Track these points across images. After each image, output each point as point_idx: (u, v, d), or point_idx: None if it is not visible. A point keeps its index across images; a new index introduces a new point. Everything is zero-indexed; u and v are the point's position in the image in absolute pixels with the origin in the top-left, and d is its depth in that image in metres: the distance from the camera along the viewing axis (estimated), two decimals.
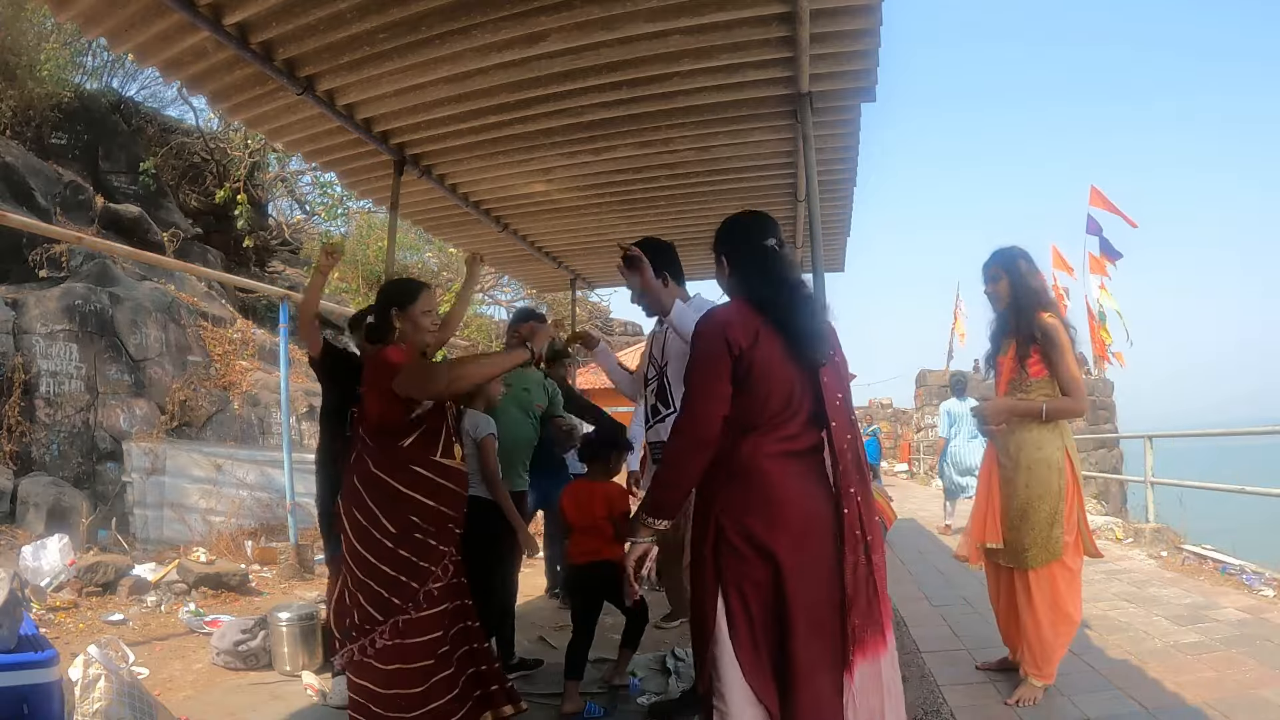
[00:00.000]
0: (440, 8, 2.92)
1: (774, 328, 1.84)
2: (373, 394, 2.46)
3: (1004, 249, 3.03)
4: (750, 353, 1.81)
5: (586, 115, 3.69)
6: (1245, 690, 2.96)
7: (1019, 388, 2.95)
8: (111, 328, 6.82)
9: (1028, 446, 2.88)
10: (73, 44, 9.44)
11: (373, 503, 2.41)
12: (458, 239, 5.98)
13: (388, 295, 2.69)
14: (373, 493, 2.42)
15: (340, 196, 12.02)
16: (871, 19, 2.96)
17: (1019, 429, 2.92)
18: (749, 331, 1.83)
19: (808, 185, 3.46)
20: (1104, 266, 14.34)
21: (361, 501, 2.42)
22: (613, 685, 3.35)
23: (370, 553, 2.39)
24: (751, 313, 1.87)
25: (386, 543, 2.39)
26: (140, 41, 3.11)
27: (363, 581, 2.40)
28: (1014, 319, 2.96)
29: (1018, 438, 2.91)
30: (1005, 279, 2.97)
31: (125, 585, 4.80)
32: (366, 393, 2.49)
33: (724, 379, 1.82)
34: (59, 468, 6.11)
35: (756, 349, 1.82)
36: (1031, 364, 2.90)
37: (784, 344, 1.84)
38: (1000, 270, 2.99)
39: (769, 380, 1.82)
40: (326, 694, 3.26)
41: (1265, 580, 4.82)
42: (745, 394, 1.82)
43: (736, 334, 1.82)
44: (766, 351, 1.82)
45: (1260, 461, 13.12)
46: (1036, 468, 2.86)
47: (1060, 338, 2.85)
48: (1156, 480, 7.27)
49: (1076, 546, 2.90)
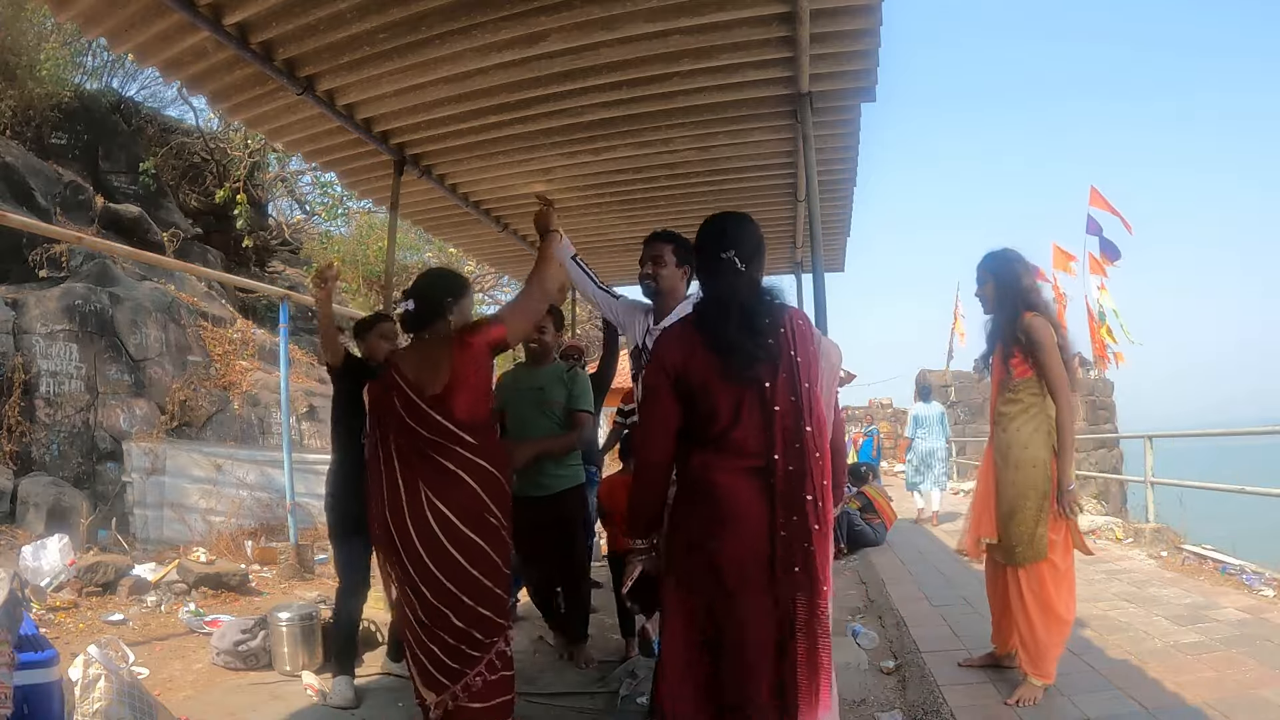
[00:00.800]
0: (440, 8, 2.92)
1: (711, 346, 1.82)
2: (464, 386, 2.23)
3: (994, 252, 3.04)
4: (684, 371, 1.82)
5: (586, 115, 3.70)
6: (1245, 690, 2.96)
7: (1006, 388, 2.97)
8: (111, 328, 6.82)
9: (1015, 445, 2.91)
10: (73, 44, 9.44)
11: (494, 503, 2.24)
12: (458, 239, 5.98)
13: (440, 283, 2.48)
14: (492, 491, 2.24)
15: (340, 196, 12.04)
16: (871, 19, 2.97)
17: (1009, 428, 2.94)
18: (683, 350, 1.83)
19: (808, 185, 3.46)
20: (1103, 267, 14.34)
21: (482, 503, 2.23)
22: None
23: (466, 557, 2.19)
24: (691, 329, 1.88)
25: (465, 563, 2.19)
26: (140, 41, 3.11)
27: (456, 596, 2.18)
28: (999, 320, 2.99)
29: (1008, 436, 2.94)
30: (991, 282, 3.00)
31: (125, 585, 4.80)
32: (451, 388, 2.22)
33: (663, 399, 1.83)
34: (59, 468, 6.11)
35: (690, 367, 1.82)
36: (1015, 364, 2.92)
37: (718, 363, 1.81)
38: (987, 274, 3.02)
39: (708, 397, 1.80)
40: (326, 694, 3.26)
41: (1265, 580, 4.82)
42: (691, 410, 1.83)
43: (671, 354, 1.84)
44: (700, 368, 1.81)
45: (1260, 461, 13.12)
46: (1023, 466, 2.88)
47: (1042, 336, 2.84)
48: (1156, 480, 7.27)
49: (1065, 545, 2.90)
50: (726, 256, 1.91)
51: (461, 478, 2.21)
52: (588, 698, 3.27)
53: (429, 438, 2.22)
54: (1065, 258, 16.35)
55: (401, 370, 2.29)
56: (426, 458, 2.22)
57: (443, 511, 2.18)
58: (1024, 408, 2.92)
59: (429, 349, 2.32)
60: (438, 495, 2.20)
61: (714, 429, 1.81)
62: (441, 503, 2.19)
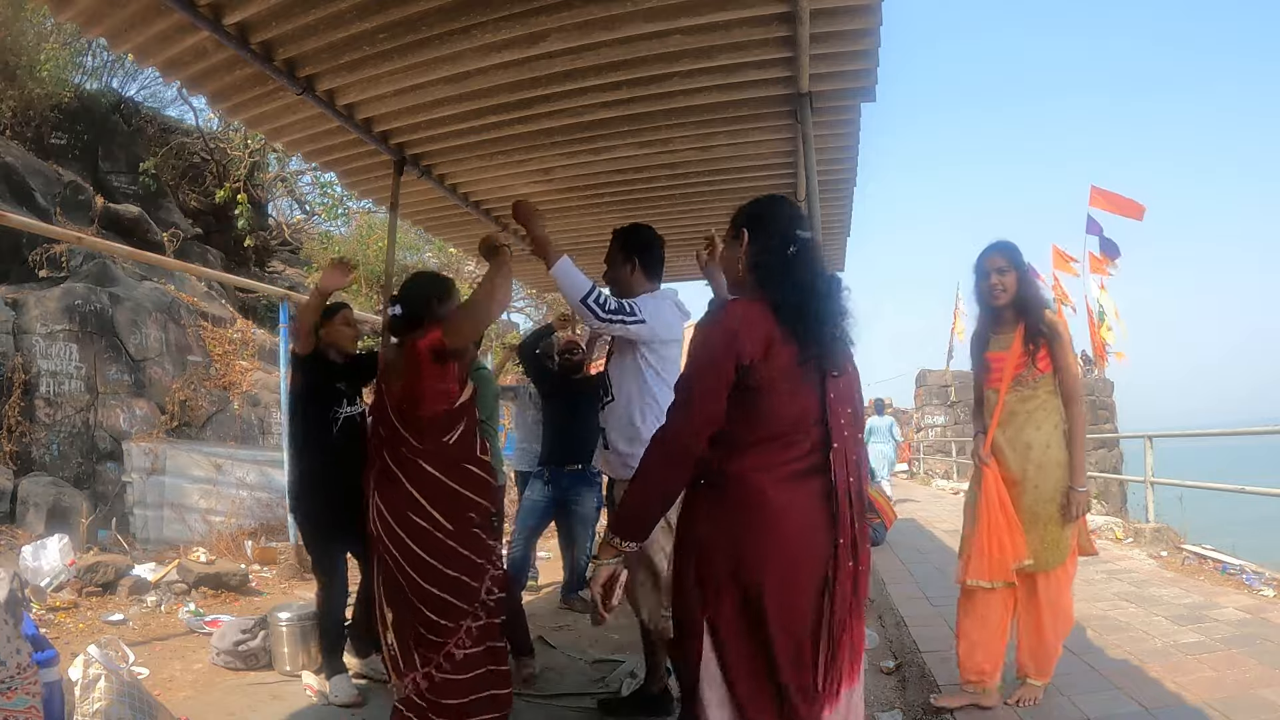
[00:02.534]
0: (440, 8, 2.91)
1: (791, 336, 1.65)
2: (415, 386, 2.37)
3: (1006, 242, 2.96)
4: (760, 365, 1.62)
5: (586, 115, 3.69)
6: (1245, 690, 2.96)
7: (1024, 384, 2.88)
8: (111, 328, 6.83)
9: (1036, 446, 2.83)
10: (72, 44, 9.44)
11: (430, 504, 2.35)
12: (458, 239, 5.98)
13: (424, 286, 2.62)
14: (429, 492, 2.36)
15: (340, 196, 12.03)
16: (871, 19, 2.96)
17: (1027, 426, 2.86)
18: (762, 340, 1.63)
19: (808, 185, 3.45)
20: (1103, 266, 14.35)
21: (416, 504, 2.35)
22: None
23: (433, 555, 2.33)
24: (767, 317, 1.66)
25: (449, 542, 2.34)
26: (140, 41, 3.10)
27: (425, 590, 2.33)
28: (1022, 314, 2.90)
29: (1025, 438, 2.85)
30: (1014, 272, 2.90)
31: (125, 585, 4.80)
32: (405, 388, 2.40)
33: (723, 392, 1.62)
34: (59, 468, 6.12)
35: (768, 361, 1.62)
36: (1040, 359, 2.85)
37: (798, 355, 1.64)
38: (1009, 263, 2.91)
39: (776, 396, 1.63)
40: (326, 694, 3.26)
41: (1265, 580, 4.83)
42: (746, 408, 1.63)
43: (748, 343, 1.62)
44: (779, 364, 1.63)
45: (1260, 461, 13.12)
46: (1047, 466, 2.81)
47: (1064, 333, 2.88)
48: (1156, 480, 7.27)
49: (1073, 546, 2.88)
50: (803, 236, 1.75)
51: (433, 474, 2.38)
52: (587, 698, 3.27)
53: (402, 435, 2.40)
54: (1065, 259, 16.32)
55: (386, 371, 2.54)
56: (402, 454, 2.40)
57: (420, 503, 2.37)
58: (1041, 404, 2.86)
59: (401, 352, 2.50)
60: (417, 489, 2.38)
61: (770, 431, 1.64)
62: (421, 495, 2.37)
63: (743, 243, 1.78)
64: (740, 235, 1.79)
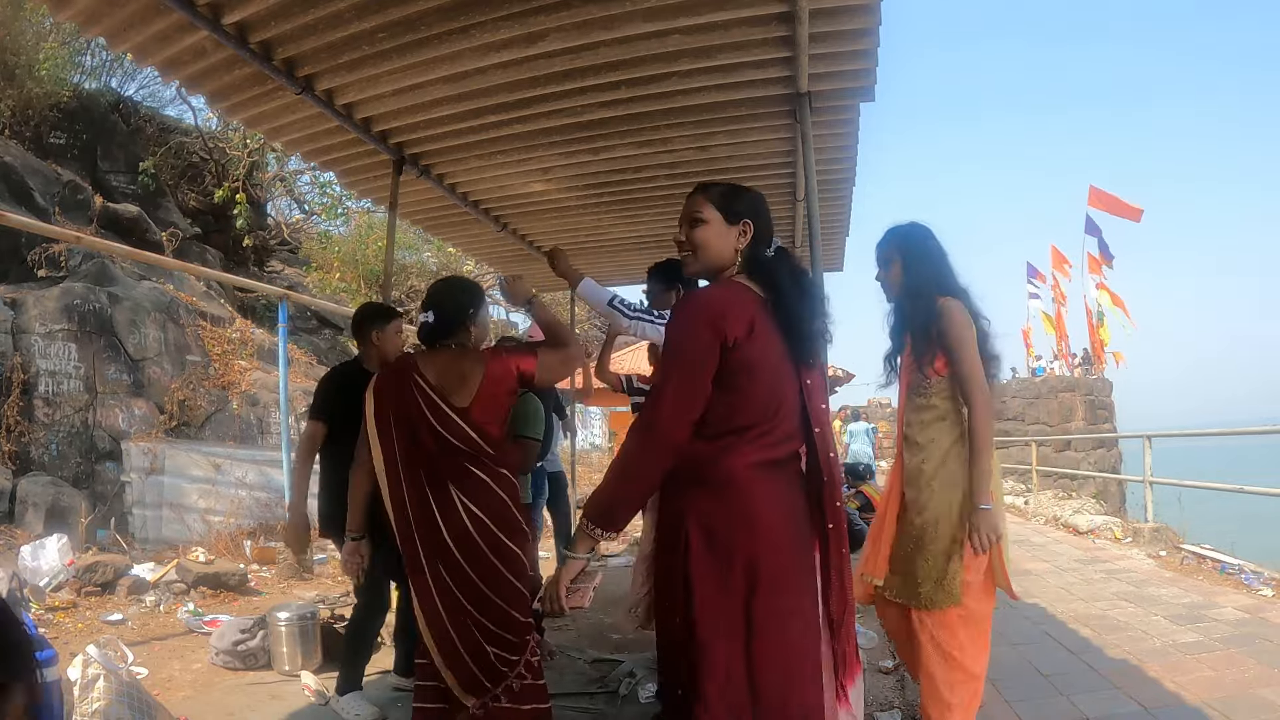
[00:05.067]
0: (439, 7, 2.91)
1: (774, 319, 1.65)
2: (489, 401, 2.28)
3: (898, 227, 2.51)
4: (744, 346, 1.58)
5: (585, 115, 3.69)
6: (1245, 690, 2.97)
7: (917, 392, 2.41)
8: (110, 327, 6.82)
9: (930, 460, 2.35)
10: (71, 43, 9.44)
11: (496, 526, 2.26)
12: (457, 239, 5.98)
13: (460, 294, 2.45)
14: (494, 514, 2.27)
15: (339, 196, 12.02)
16: (871, 19, 2.96)
17: (921, 438, 2.39)
18: (745, 320, 1.60)
19: (807, 185, 3.45)
20: (1100, 267, 14.37)
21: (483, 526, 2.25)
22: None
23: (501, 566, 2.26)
24: (751, 298, 1.66)
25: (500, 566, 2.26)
26: (139, 41, 3.10)
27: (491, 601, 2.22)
28: (909, 307, 2.45)
29: (926, 450, 2.37)
30: (899, 262, 2.46)
31: (124, 585, 4.80)
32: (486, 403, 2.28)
33: (708, 375, 1.58)
34: (58, 467, 6.11)
35: (751, 342, 1.59)
36: (937, 359, 2.36)
37: (781, 339, 1.65)
38: (893, 252, 2.48)
39: (759, 379, 1.61)
40: (325, 694, 3.26)
41: (1264, 580, 4.83)
42: (730, 392, 1.60)
43: (732, 323, 1.58)
44: (761, 346, 1.61)
45: (1259, 461, 13.12)
46: (941, 487, 2.32)
47: (956, 320, 2.31)
48: (1155, 480, 7.28)
49: (986, 587, 2.35)
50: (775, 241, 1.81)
51: (489, 485, 2.27)
52: (587, 698, 3.27)
53: (457, 445, 2.24)
54: (1062, 260, 16.32)
55: (426, 377, 2.29)
56: (457, 464, 2.25)
57: (478, 515, 2.23)
58: (939, 414, 2.37)
59: (455, 360, 2.34)
60: (471, 500, 2.24)
61: (753, 415, 1.61)
62: (476, 506, 2.24)
63: (743, 231, 1.75)
64: (743, 224, 1.76)
